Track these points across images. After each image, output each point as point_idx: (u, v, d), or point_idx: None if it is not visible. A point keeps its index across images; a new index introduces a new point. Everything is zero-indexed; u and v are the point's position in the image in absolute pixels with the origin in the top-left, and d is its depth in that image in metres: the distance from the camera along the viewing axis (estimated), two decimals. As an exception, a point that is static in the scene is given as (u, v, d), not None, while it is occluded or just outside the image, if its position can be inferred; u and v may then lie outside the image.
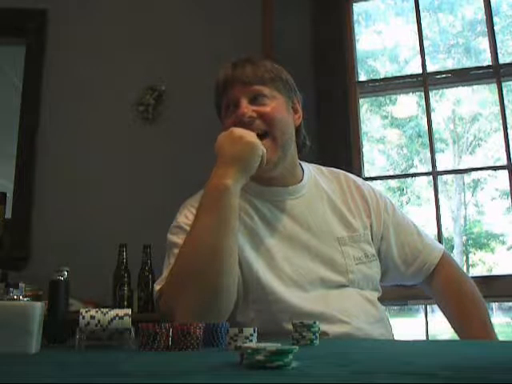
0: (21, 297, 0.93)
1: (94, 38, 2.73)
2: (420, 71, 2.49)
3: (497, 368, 0.49)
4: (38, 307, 0.75)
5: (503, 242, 7.57)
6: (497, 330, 1.26)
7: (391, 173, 8.01)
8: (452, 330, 1.31)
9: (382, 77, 5.63)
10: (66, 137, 2.64)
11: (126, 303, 2.14)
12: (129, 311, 0.83)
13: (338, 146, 2.36)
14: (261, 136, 1.17)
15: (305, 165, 1.35)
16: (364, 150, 2.50)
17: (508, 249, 7.57)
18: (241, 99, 1.20)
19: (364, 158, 2.46)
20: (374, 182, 2.54)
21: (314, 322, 0.80)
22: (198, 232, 1.08)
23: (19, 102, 2.71)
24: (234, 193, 1.09)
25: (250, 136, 1.13)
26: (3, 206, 2.32)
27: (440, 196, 2.40)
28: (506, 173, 2.28)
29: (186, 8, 2.71)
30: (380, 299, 1.27)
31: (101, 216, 2.52)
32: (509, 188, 2.27)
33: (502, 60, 2.40)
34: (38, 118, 2.65)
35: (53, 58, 2.72)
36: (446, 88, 3.00)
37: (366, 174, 2.46)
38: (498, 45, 2.45)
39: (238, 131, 1.13)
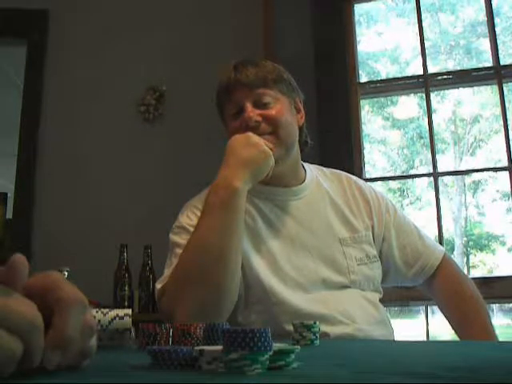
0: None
1: (94, 38, 2.73)
2: (421, 72, 2.49)
3: (497, 369, 0.49)
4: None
5: (504, 244, 7.56)
6: (497, 331, 1.26)
7: (392, 174, 8.00)
8: (452, 331, 1.31)
9: (383, 78, 5.63)
10: (66, 137, 2.65)
11: (126, 303, 2.14)
12: (129, 311, 0.83)
13: (339, 147, 2.36)
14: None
15: (307, 166, 1.35)
16: (365, 151, 2.50)
17: (509, 250, 7.56)
18: (245, 103, 1.20)
19: (365, 159, 2.46)
20: (375, 183, 2.54)
21: (315, 323, 0.80)
22: (203, 232, 1.08)
23: (20, 102, 2.71)
24: (242, 195, 1.09)
25: (266, 145, 1.13)
26: (4, 206, 2.32)
27: (441, 197, 2.40)
28: (506, 174, 2.28)
29: (186, 8, 2.71)
30: (381, 300, 1.27)
31: (101, 216, 2.52)
32: (509, 189, 2.27)
33: (503, 61, 2.40)
34: (38, 118, 2.66)
35: (54, 58, 2.72)
36: (447, 89, 3.00)
37: (367, 175, 2.46)
38: (499, 46, 2.46)
39: (255, 138, 1.13)
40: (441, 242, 2.25)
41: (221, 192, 1.09)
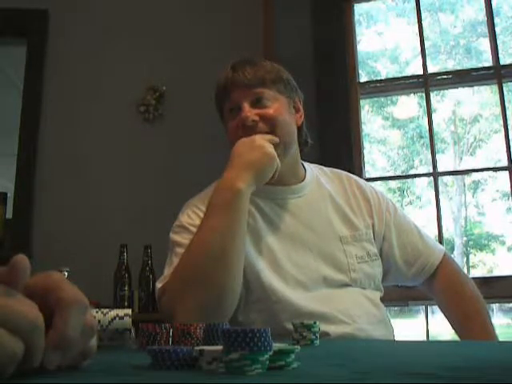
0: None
1: (94, 38, 2.73)
2: (421, 72, 2.49)
3: (497, 369, 0.49)
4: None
5: (503, 243, 7.56)
6: (497, 331, 1.26)
7: (392, 174, 8.00)
8: (452, 331, 1.31)
9: (382, 78, 5.64)
10: (66, 137, 2.65)
11: (126, 303, 2.14)
12: (129, 311, 0.83)
13: (339, 146, 2.36)
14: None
15: (307, 165, 1.35)
16: (365, 151, 2.50)
17: (508, 250, 7.56)
18: (243, 103, 1.20)
19: (364, 159, 2.46)
20: (375, 182, 2.54)
21: (315, 322, 0.80)
22: (205, 233, 1.08)
23: (20, 102, 2.71)
24: (245, 196, 1.09)
25: (271, 147, 1.13)
26: (4, 206, 2.32)
27: (440, 197, 2.40)
28: (506, 174, 2.28)
29: (186, 8, 2.71)
30: (381, 299, 1.27)
31: (101, 216, 2.52)
32: (509, 189, 2.27)
33: (502, 61, 2.40)
34: (38, 119, 2.66)
35: (54, 59, 2.72)
36: (447, 89, 3.00)
37: (367, 175, 2.46)
38: (499, 46, 2.46)
39: (260, 141, 1.13)
40: (441, 242, 2.25)
41: (224, 193, 1.09)
